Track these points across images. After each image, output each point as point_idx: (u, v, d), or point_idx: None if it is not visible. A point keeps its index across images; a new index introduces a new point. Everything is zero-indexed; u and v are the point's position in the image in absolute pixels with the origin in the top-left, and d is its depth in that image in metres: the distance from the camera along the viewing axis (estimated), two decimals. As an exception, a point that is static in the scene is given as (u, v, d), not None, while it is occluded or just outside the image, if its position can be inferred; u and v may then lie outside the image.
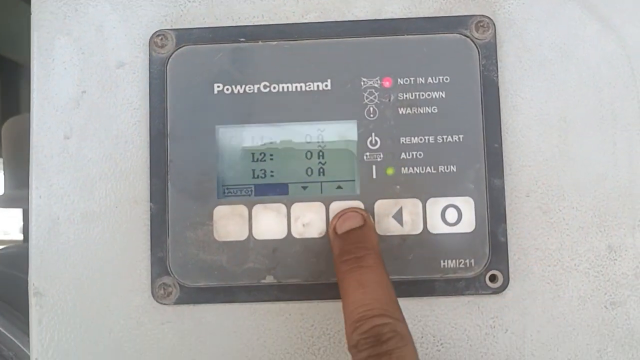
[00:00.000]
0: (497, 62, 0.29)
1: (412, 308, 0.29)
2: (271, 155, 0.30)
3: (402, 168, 0.29)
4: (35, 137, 0.31)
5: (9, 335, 0.52)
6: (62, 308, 0.30)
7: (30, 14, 0.31)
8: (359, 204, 0.29)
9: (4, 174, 0.92)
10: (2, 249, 0.78)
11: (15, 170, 0.88)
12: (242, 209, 0.29)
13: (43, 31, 0.31)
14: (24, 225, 1.31)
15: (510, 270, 0.29)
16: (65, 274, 0.30)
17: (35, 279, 0.30)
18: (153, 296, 0.29)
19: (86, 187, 0.30)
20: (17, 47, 1.22)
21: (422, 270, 0.29)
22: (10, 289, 0.59)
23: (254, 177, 0.30)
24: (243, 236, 0.29)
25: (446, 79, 0.29)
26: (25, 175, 0.31)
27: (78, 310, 0.30)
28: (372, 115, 0.30)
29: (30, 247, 0.30)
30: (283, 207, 0.29)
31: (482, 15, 0.30)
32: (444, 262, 0.29)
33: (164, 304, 0.29)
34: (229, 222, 0.29)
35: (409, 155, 0.29)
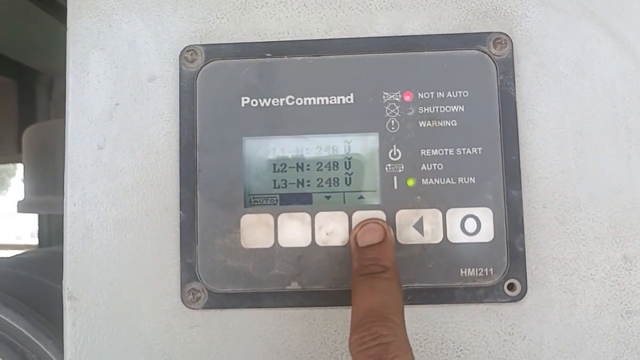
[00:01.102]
0: (514, 77, 0.30)
1: (432, 315, 0.30)
2: (295, 165, 0.31)
3: (423, 179, 0.30)
4: (70, 148, 0.32)
5: (32, 338, 0.53)
6: (95, 311, 0.31)
7: (46, 22, 0.33)
8: (380, 213, 0.30)
9: (24, 180, 0.94)
10: (22, 253, 0.79)
11: (35, 177, 0.90)
12: (268, 218, 0.31)
13: (78, 46, 0.33)
14: (39, 230, 1.33)
15: (528, 279, 0.30)
16: (98, 278, 0.31)
17: (70, 284, 0.31)
18: (182, 301, 0.30)
19: (118, 196, 0.32)
20: (35, 54, 1.24)
21: (442, 278, 0.30)
22: (32, 292, 0.61)
23: (279, 187, 0.31)
24: (269, 244, 0.30)
25: (465, 94, 0.31)
26: (45, 181, 0.33)
27: (110, 314, 0.31)
28: (393, 128, 0.31)
29: (65, 253, 0.31)
30: (307, 216, 0.30)
31: (500, 32, 0.31)
32: (463, 270, 0.30)
33: (193, 309, 0.30)
34: (256, 230, 0.30)
35: (429, 167, 0.30)
